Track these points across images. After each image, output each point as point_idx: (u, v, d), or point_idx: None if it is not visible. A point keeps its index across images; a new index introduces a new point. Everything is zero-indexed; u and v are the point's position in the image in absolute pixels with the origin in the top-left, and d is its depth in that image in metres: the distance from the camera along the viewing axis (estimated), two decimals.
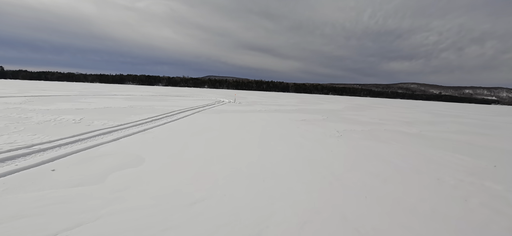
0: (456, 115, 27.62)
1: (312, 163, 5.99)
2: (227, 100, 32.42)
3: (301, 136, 9.73)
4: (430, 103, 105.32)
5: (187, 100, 27.21)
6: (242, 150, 6.91)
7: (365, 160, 6.48)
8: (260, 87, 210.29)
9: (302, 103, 36.24)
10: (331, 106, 31.46)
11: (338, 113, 22.10)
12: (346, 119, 16.97)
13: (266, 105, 25.99)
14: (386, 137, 10.39)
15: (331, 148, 7.73)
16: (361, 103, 48.21)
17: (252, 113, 17.16)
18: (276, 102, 33.40)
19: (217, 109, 18.56)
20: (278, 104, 29.37)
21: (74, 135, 7.13)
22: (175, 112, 15.16)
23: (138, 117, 11.94)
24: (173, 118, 12.59)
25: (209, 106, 20.67)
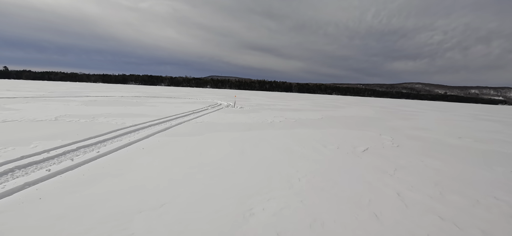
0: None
1: None
2: (225, 102, 25.22)
3: None
4: (453, 104, 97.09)
5: (172, 104, 20.06)
6: None
7: None
8: (262, 87, 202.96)
9: (319, 106, 28.87)
10: (360, 111, 24.07)
11: (386, 123, 14.73)
12: (424, 139, 9.59)
13: (277, 111, 18.77)
14: None
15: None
16: (388, 106, 40.65)
17: (261, 130, 9.90)
18: (288, 106, 26.13)
19: (205, 121, 11.39)
20: (292, 109, 22.03)
21: None
22: (125, 131, 8.00)
23: (34, 146, 4.81)
24: (96, 152, 5.42)
25: (196, 113, 13.55)
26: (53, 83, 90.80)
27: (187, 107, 17.41)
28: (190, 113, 13.93)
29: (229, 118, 12.93)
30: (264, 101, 32.18)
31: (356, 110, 25.04)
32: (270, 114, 16.32)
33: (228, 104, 22.50)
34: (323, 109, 24.42)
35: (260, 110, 18.82)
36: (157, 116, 11.94)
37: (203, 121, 11.31)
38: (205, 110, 16.32)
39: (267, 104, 26.13)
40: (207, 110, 16.70)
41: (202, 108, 17.27)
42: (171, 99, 26.06)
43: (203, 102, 23.63)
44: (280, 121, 12.73)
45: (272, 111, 18.69)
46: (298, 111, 19.61)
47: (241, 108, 19.44)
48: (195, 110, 15.98)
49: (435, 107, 47.00)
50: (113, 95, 27.90)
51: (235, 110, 17.34)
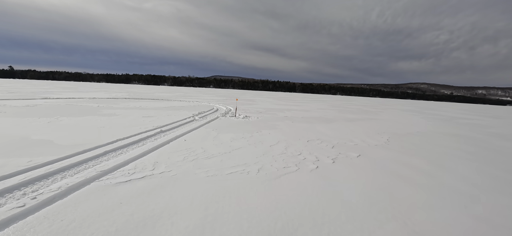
0: None
1: None
2: (224, 107, 18.96)
3: None
4: (491, 107, 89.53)
5: (145, 112, 13.93)
6: None
7: None
8: (266, 87, 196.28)
9: (347, 112, 22.42)
10: (393, 117, 17.62)
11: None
12: None
13: (300, 122, 12.42)
14: None
15: None
16: (449, 114, 34.05)
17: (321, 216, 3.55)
18: (306, 110, 19.77)
19: (153, 181, 5.12)
20: (317, 118, 15.66)
21: None
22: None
23: None
24: None
25: (165, 134, 7.31)
26: (44, 82, 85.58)
27: (163, 119, 11.17)
28: (153, 135, 7.67)
29: (221, 150, 6.61)
30: (273, 105, 25.82)
31: (389, 116, 18.54)
32: (295, 130, 10.00)
33: (228, 110, 16.22)
34: (361, 117, 17.96)
35: (274, 120, 12.51)
36: (76, 147, 5.70)
37: (152, 176, 5.01)
38: (188, 123, 10.07)
39: (279, 109, 19.79)
40: (193, 121, 10.46)
41: (184, 120, 11.01)
42: (155, 103, 19.87)
43: (195, 107, 17.41)
44: (334, 158, 6.37)
45: (294, 123, 12.35)
46: (331, 123, 13.23)
47: (246, 117, 13.14)
48: (173, 123, 9.76)
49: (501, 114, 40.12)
50: (87, 97, 21.86)
51: (236, 122, 11.08)
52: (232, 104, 21.71)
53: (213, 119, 11.74)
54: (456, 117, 23.14)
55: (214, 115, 13.29)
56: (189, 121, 10.69)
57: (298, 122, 12.46)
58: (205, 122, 10.77)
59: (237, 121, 11.47)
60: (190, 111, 14.43)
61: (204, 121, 11.06)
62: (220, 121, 11.18)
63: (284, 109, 20.10)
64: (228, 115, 13.81)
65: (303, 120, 13.67)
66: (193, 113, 13.43)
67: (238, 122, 11.17)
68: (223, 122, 11.07)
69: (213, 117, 12.65)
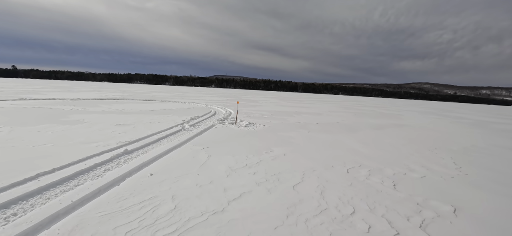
0: None
1: None
2: (223, 110, 16.18)
3: None
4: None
5: (124, 118, 11.19)
6: None
7: None
8: (268, 86, 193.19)
9: (361, 115, 19.53)
10: (420, 121, 14.67)
11: None
12: None
13: (320, 131, 9.52)
14: None
15: None
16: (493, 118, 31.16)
17: None
18: (317, 112, 16.90)
19: None
20: (338, 125, 12.81)
21: None
22: None
23: None
24: None
25: (131, 161, 4.59)
26: (41, 81, 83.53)
27: (140, 128, 8.39)
28: (105, 163, 4.88)
29: (208, 204, 3.80)
30: (278, 106, 22.98)
31: (444, 125, 15.60)
32: (319, 147, 7.15)
33: (228, 114, 13.40)
34: (385, 123, 15.09)
35: (285, 129, 9.67)
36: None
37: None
38: (172, 135, 7.28)
39: (287, 112, 16.94)
40: (180, 132, 7.67)
41: (169, 130, 8.21)
42: (145, 105, 17.13)
43: (189, 110, 14.62)
44: (421, 223, 3.53)
45: (312, 133, 9.50)
46: (356, 132, 10.36)
47: (250, 125, 10.31)
48: (151, 136, 6.99)
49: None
50: (70, 98, 19.19)
51: (237, 132, 8.28)
52: (232, 106, 18.93)
53: (208, 128, 8.95)
54: (485, 121, 20.16)
55: (210, 122, 10.49)
56: (175, 132, 7.90)
57: (317, 132, 9.62)
58: (196, 132, 7.98)
59: (238, 131, 8.67)
60: (182, 116, 11.66)
61: (195, 131, 8.27)
62: (215, 132, 8.38)
63: (292, 112, 17.26)
64: (227, 121, 11.01)
65: (320, 128, 10.83)
66: (183, 119, 10.64)
67: (240, 133, 8.36)
68: (220, 132, 8.27)
69: (208, 124, 9.86)
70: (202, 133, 8.12)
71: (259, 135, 8.29)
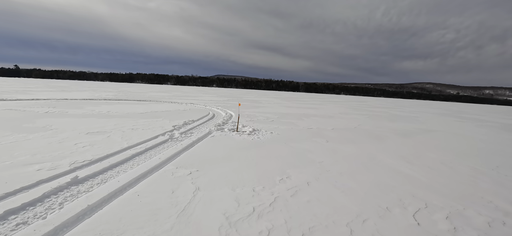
0: None
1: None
2: (223, 112, 14.33)
3: None
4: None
5: (112, 123, 9.35)
6: None
7: None
8: (269, 86, 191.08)
9: (373, 115, 17.58)
10: (447, 127, 12.71)
11: None
12: None
13: (337, 142, 7.69)
14: None
15: None
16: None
17: None
18: (329, 115, 14.99)
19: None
20: (354, 132, 10.93)
21: None
22: None
23: None
24: None
25: (75, 199, 2.77)
26: (40, 80, 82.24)
27: (116, 139, 6.56)
28: (24, 210, 2.99)
29: None
30: (283, 107, 21.09)
31: (476, 132, 13.62)
32: (351, 168, 5.27)
33: (228, 117, 11.52)
34: (410, 129, 13.17)
35: (298, 138, 7.79)
36: None
37: None
38: (154, 149, 5.45)
39: (294, 115, 15.02)
40: (166, 144, 5.82)
41: (152, 141, 6.35)
42: (136, 106, 15.33)
43: (184, 112, 12.76)
44: None
45: (333, 145, 7.62)
46: (383, 141, 8.44)
47: (254, 132, 8.43)
48: (126, 150, 5.16)
49: None
50: (56, 98, 17.45)
51: (238, 143, 6.41)
52: (233, 107, 17.08)
53: (202, 137, 7.10)
54: (509, 124, 18.16)
55: (206, 128, 8.64)
56: (159, 143, 6.07)
57: (337, 142, 7.74)
58: (186, 144, 6.14)
59: (240, 142, 6.81)
60: (174, 120, 9.83)
61: (185, 142, 6.42)
62: (212, 143, 6.53)
63: (299, 115, 15.35)
64: (227, 126, 9.16)
65: (339, 135, 8.95)
66: (175, 124, 8.81)
67: (242, 144, 6.51)
68: (217, 144, 6.42)
69: (204, 131, 8.02)
70: (194, 145, 6.27)
71: (267, 148, 6.43)
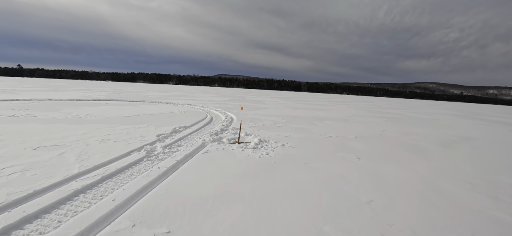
0: None
1: None
2: (223, 115, 12.41)
3: None
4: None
5: (80, 131, 7.39)
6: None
7: None
8: (271, 86, 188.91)
9: (389, 118, 15.57)
10: (486, 134, 10.70)
11: None
12: None
13: (370, 159, 5.75)
14: None
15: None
16: None
17: None
18: (356, 128, 13.06)
19: None
20: (384, 142, 8.92)
21: None
22: None
23: None
24: None
25: None
26: (40, 79, 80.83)
27: (69, 159, 4.64)
28: None
29: None
30: (289, 109, 19.12)
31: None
32: (427, 222, 3.36)
33: (228, 122, 9.59)
34: (446, 137, 11.17)
35: (320, 156, 5.85)
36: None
37: None
38: (110, 180, 3.58)
39: (303, 118, 13.06)
40: (137, 167, 3.94)
41: (119, 164, 4.46)
42: (125, 107, 13.46)
43: (179, 115, 10.86)
44: None
45: (368, 163, 5.66)
46: (426, 156, 6.47)
47: (260, 144, 6.50)
48: (66, 182, 3.31)
49: None
50: (37, 99, 15.67)
51: (240, 166, 4.51)
52: (235, 109, 15.18)
53: (191, 154, 5.21)
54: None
55: (199, 138, 6.74)
56: (127, 166, 4.18)
57: (375, 161, 5.80)
58: (164, 168, 4.24)
59: (243, 162, 4.90)
60: (162, 126, 7.94)
61: (166, 163, 4.52)
62: (202, 165, 4.62)
63: (310, 118, 13.40)
64: (226, 135, 7.26)
65: (371, 149, 7.00)
66: (159, 134, 6.92)
67: (245, 168, 4.60)
68: (210, 167, 4.51)
69: (195, 143, 6.12)
70: (178, 167, 4.38)
71: (282, 173, 4.51)
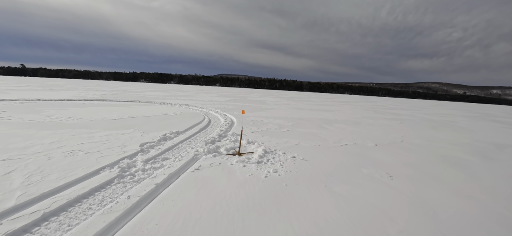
0: None
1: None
2: (222, 118, 11.26)
3: None
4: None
5: (49, 139, 6.23)
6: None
7: None
8: (273, 85, 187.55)
9: (402, 119, 14.34)
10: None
11: None
12: None
13: (406, 180, 4.57)
14: None
15: None
16: None
17: None
18: (374, 133, 11.88)
19: None
20: (414, 154, 7.70)
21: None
22: None
23: None
24: None
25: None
26: (38, 79, 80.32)
27: (14, 180, 3.48)
28: None
29: None
30: (293, 110, 17.95)
31: None
32: None
33: (228, 126, 8.44)
34: (472, 143, 9.98)
35: (346, 178, 4.68)
36: None
37: None
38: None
39: (310, 120, 11.90)
40: (100, 205, 2.84)
41: (54, 199, 3.35)
42: (115, 108, 12.35)
43: (174, 117, 9.76)
44: None
45: (404, 185, 4.48)
46: (474, 177, 5.30)
47: (265, 157, 5.34)
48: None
49: None
50: (22, 99, 14.65)
51: (239, 194, 3.40)
52: (236, 110, 14.05)
53: (177, 173, 4.08)
54: None
55: (191, 149, 5.62)
56: (85, 195, 3.07)
57: (411, 181, 4.64)
58: (138, 198, 3.13)
59: (244, 186, 3.76)
60: (148, 133, 6.83)
61: (137, 191, 3.39)
62: (190, 192, 3.48)
63: (317, 120, 12.22)
64: (224, 144, 6.13)
65: (399, 162, 5.84)
66: (145, 142, 5.80)
67: (247, 198, 3.46)
68: (199, 195, 3.37)
69: (186, 156, 5.00)
70: (155, 196, 3.25)
71: (298, 204, 3.36)
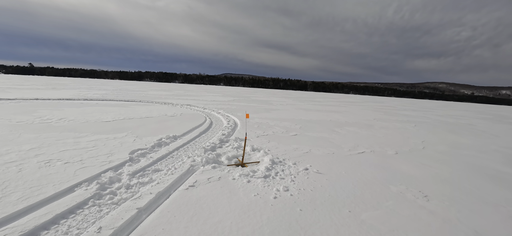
0: None
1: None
2: (225, 120, 10.47)
3: None
4: None
5: (29, 145, 5.47)
6: None
7: None
8: (277, 85, 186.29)
9: (416, 122, 13.32)
10: None
11: None
12: None
13: (470, 213, 3.74)
14: None
15: None
16: None
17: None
18: (394, 138, 10.96)
19: None
20: (474, 171, 6.75)
21: None
22: None
23: None
24: None
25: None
26: (40, 77, 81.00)
27: None
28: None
29: None
30: (301, 112, 17.06)
31: None
32: None
33: (231, 129, 7.64)
34: (503, 151, 8.99)
35: (368, 194, 3.85)
36: None
37: None
38: None
39: (319, 122, 11.02)
40: None
41: None
42: (113, 109, 11.69)
43: (173, 119, 9.02)
44: None
45: (439, 209, 3.60)
46: (506, 188, 4.43)
47: (273, 169, 4.54)
48: None
49: None
50: (18, 98, 14.15)
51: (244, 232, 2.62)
52: (240, 111, 13.26)
53: (169, 190, 3.29)
54: None
55: (187, 158, 4.84)
56: (46, 225, 2.34)
57: (455, 204, 3.77)
58: (114, 230, 2.38)
59: (249, 211, 2.96)
60: (142, 137, 6.09)
61: (105, 230, 2.66)
62: (181, 219, 2.72)
63: (327, 123, 11.33)
64: (225, 152, 5.35)
65: (428, 176, 4.96)
66: (136, 149, 5.06)
67: (253, 232, 2.68)
68: (192, 226, 2.62)
69: (181, 168, 4.22)
70: (134, 228, 2.48)
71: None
